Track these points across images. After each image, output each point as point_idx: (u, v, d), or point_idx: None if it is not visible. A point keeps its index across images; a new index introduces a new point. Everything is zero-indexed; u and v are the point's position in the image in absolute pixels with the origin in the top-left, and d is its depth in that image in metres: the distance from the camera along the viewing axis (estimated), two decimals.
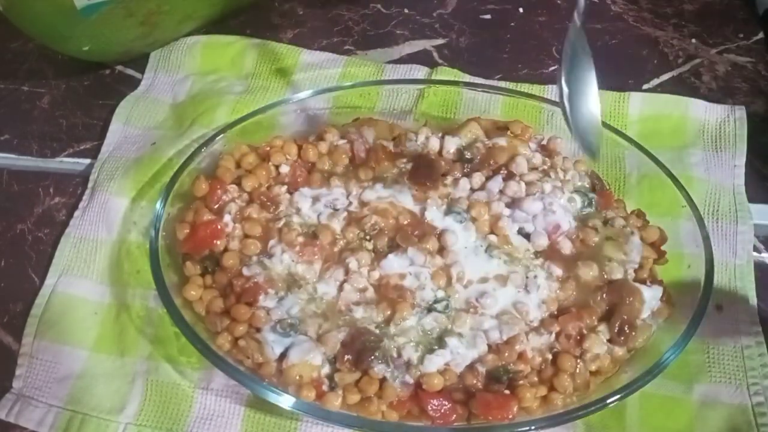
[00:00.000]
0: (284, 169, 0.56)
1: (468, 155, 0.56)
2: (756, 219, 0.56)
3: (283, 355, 0.47)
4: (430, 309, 0.49)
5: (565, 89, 0.43)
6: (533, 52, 0.70)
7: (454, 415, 0.45)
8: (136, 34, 0.65)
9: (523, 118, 0.59)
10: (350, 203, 0.54)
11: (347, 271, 0.50)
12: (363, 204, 0.54)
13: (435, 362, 0.46)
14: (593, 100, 0.43)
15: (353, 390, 0.46)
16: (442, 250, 0.51)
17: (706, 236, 0.50)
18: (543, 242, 0.52)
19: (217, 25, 0.72)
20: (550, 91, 0.64)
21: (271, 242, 0.51)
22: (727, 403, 0.48)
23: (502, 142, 0.56)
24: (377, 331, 0.48)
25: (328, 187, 0.55)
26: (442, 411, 0.45)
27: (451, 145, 0.57)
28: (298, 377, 0.46)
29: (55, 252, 0.56)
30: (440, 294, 0.49)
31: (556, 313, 0.49)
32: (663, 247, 0.53)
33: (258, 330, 0.48)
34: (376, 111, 0.61)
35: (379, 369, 0.46)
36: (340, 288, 0.50)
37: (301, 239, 0.52)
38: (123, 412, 0.49)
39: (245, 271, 0.50)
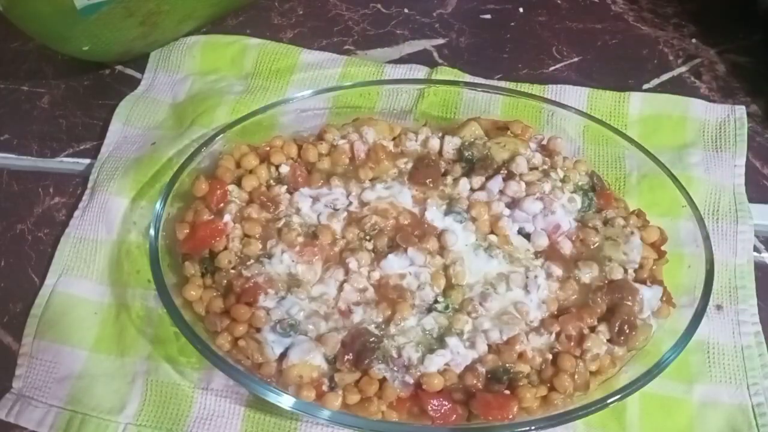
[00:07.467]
0: (284, 169, 0.56)
1: (468, 155, 0.56)
2: (756, 219, 0.56)
3: (283, 355, 0.47)
4: (430, 309, 0.49)
5: None
6: (533, 52, 0.70)
7: (454, 415, 0.45)
8: (136, 34, 0.65)
9: (523, 118, 0.59)
10: (350, 203, 0.54)
11: (347, 271, 0.50)
12: (363, 204, 0.54)
13: (435, 362, 0.46)
14: None
15: (353, 390, 0.46)
16: (442, 250, 0.51)
17: (706, 236, 0.50)
18: (543, 242, 0.52)
19: (217, 25, 0.72)
20: (550, 91, 0.64)
21: (271, 242, 0.51)
22: (727, 403, 0.48)
23: (502, 142, 0.56)
24: (377, 331, 0.48)
25: (328, 187, 0.55)
26: (442, 411, 0.45)
27: (451, 145, 0.57)
28: (298, 377, 0.46)
29: (55, 252, 0.56)
30: (440, 294, 0.50)
31: (556, 313, 0.49)
32: (663, 247, 0.52)
33: (258, 330, 0.48)
34: (376, 111, 0.61)
35: (379, 369, 0.46)
36: (340, 288, 0.50)
37: (301, 239, 0.52)
38: (123, 412, 0.49)
39: (245, 272, 0.50)
